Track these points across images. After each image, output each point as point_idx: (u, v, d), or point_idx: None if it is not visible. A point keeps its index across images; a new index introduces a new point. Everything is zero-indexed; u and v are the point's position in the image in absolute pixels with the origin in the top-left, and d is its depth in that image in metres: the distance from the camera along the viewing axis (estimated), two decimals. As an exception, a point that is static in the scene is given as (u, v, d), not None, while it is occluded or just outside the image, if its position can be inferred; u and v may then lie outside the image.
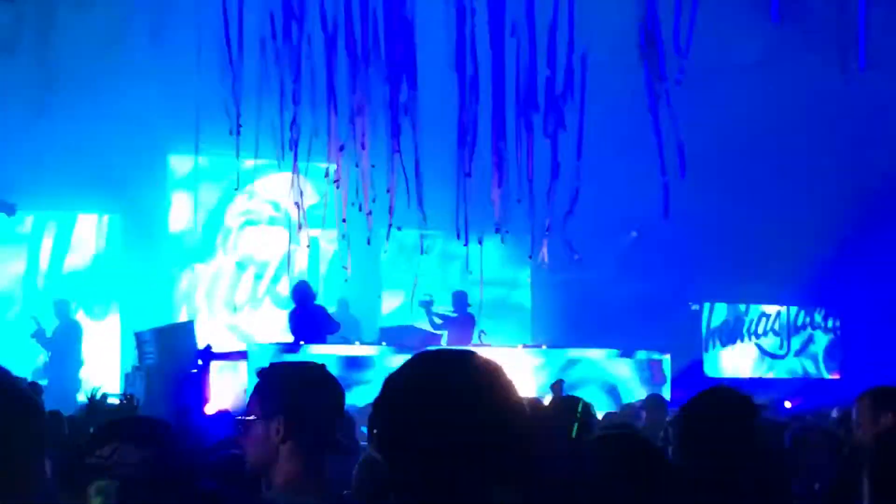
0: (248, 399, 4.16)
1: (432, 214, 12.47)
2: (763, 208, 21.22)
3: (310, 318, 15.94)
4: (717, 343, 22.89)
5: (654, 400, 12.71)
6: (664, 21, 13.53)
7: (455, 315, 17.95)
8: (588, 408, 7.66)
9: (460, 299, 18.02)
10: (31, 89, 18.21)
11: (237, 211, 21.21)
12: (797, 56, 19.22)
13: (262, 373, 4.20)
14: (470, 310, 17.86)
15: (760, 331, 23.22)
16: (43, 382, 15.60)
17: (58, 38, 18.30)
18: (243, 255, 21.27)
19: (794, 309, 23.48)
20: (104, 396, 6.70)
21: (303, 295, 16.11)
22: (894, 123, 20.15)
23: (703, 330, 22.74)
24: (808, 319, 23.55)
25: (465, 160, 12.30)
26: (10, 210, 17.79)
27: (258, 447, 4.02)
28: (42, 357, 18.72)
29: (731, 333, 23.05)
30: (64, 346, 18.71)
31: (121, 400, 7.36)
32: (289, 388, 4.05)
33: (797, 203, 20.89)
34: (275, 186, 19.48)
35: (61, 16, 18.27)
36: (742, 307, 23.16)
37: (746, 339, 23.10)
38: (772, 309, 23.37)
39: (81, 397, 12.62)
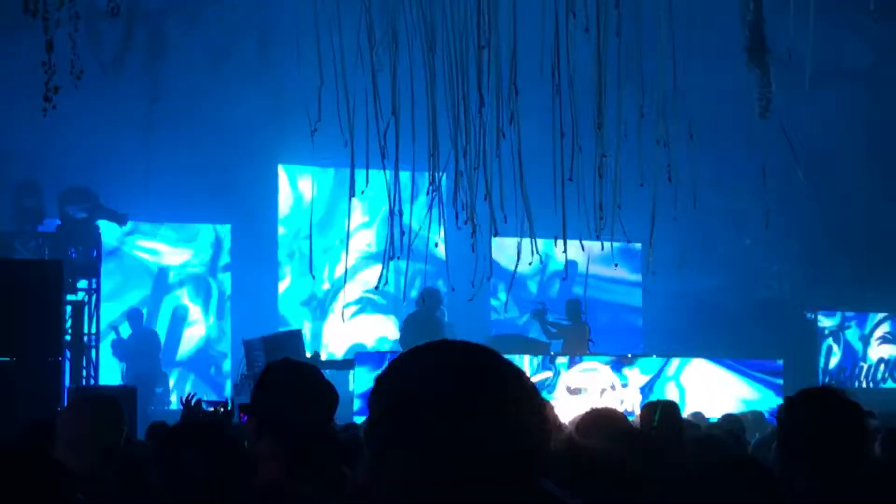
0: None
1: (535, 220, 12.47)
2: (878, 214, 20.78)
3: (430, 324, 16.13)
4: (835, 350, 22.42)
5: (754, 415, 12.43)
6: (773, 26, 13.36)
7: (569, 324, 17.82)
8: (669, 407, 7.58)
9: (573, 307, 17.90)
10: (140, 104, 18.53)
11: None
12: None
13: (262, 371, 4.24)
14: (583, 317, 17.75)
15: (878, 339, 22.68)
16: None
17: (166, 53, 18.62)
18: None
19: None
20: (199, 402, 6.73)
21: (433, 300, 16.29)
22: None
23: (819, 337, 22.30)
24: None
25: (562, 165, 12.20)
26: (121, 220, 18.08)
27: (250, 443, 4.10)
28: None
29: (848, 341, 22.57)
30: (138, 354, 19.03)
31: (216, 407, 7.38)
32: (265, 389, 4.09)
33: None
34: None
35: (169, 31, 18.60)
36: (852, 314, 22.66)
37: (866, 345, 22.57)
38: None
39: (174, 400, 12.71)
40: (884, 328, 22.53)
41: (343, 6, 13.00)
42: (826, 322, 22.28)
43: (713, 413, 13.16)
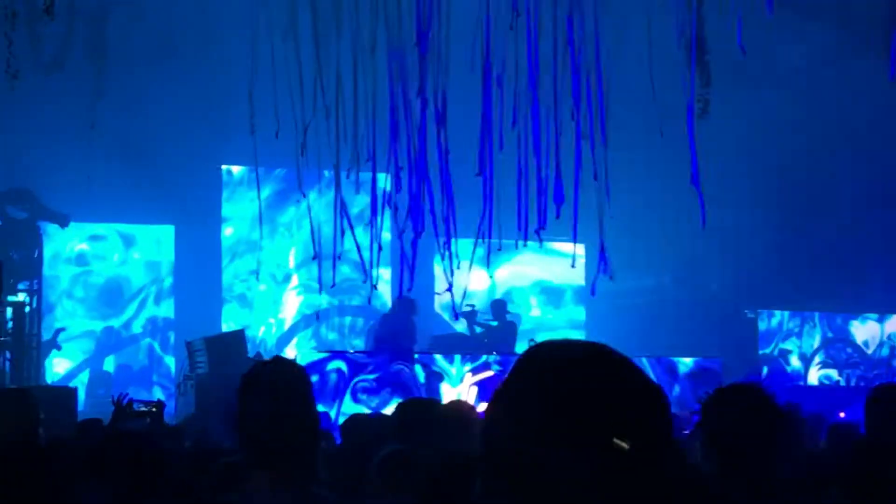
0: None
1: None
2: (811, 214, 21.03)
3: (406, 328, 16.29)
4: (776, 349, 22.67)
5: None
6: (708, 28, 13.49)
7: (496, 324, 17.93)
8: None
9: (499, 307, 18.01)
10: (81, 103, 18.42)
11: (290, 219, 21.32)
12: (845, 61, 19.04)
13: None
14: (509, 317, 17.88)
15: (816, 340, 22.97)
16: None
17: (107, 52, 18.53)
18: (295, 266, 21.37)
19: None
20: (130, 403, 6.74)
21: (407, 307, 16.40)
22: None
23: (761, 336, 22.54)
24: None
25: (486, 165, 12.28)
26: (63, 221, 17.99)
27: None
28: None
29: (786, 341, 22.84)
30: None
31: (148, 406, 7.37)
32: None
33: (843, 207, 20.71)
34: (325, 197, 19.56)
35: (110, 29, 18.50)
36: (797, 315, 22.93)
37: (800, 347, 22.86)
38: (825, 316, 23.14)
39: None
40: (824, 355, 22.84)
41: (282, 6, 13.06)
42: (766, 322, 22.56)
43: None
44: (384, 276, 20.79)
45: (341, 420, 9.78)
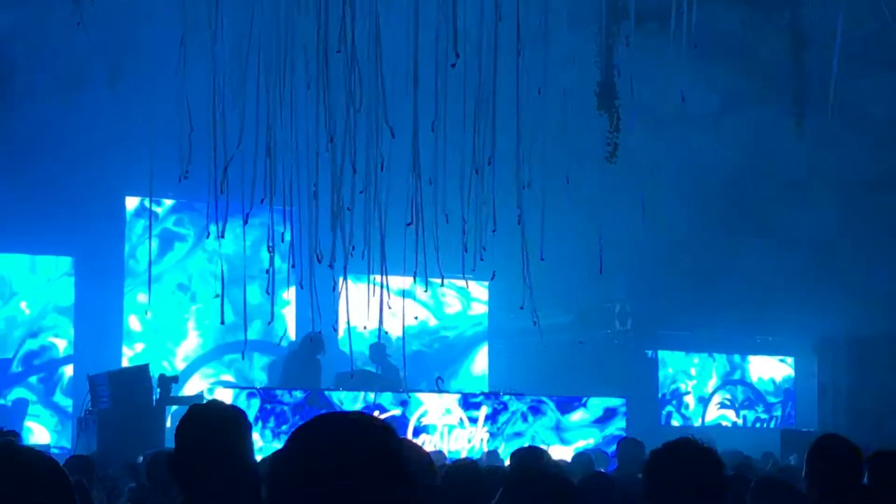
0: None
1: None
2: (717, 256, 21.33)
3: (311, 366, 16.16)
4: (676, 390, 22.93)
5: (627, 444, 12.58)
6: (622, 72, 13.65)
7: (377, 371, 17.69)
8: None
9: (379, 351, 17.76)
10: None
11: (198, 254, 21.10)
12: (752, 107, 19.40)
13: None
14: (390, 360, 17.66)
15: (716, 381, 23.29)
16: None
17: (11, 80, 18.22)
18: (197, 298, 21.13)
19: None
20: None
21: (316, 343, 16.25)
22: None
23: (661, 377, 22.79)
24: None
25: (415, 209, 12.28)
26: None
27: None
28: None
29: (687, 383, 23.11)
30: None
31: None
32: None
33: (751, 250, 21.04)
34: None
35: (19, 58, 18.20)
36: (695, 356, 23.23)
37: (701, 389, 23.16)
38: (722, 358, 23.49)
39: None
40: (723, 395, 23.17)
41: (196, 36, 12.96)
42: (667, 361, 22.83)
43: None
44: (287, 312, 20.71)
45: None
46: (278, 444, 14.24)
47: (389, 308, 12.95)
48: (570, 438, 16.41)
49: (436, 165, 12.70)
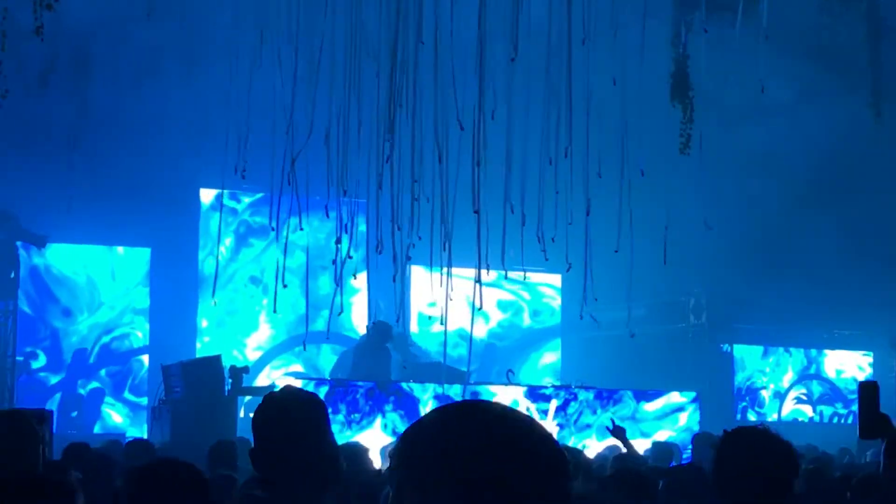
0: None
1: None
2: (793, 249, 21.08)
3: (381, 355, 16.12)
4: (751, 385, 22.71)
5: (701, 439, 12.49)
6: (696, 63, 13.52)
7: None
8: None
9: (401, 341, 17.28)
10: (63, 124, 18.31)
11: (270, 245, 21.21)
12: (830, 97, 19.13)
13: None
14: (412, 350, 17.44)
15: (792, 376, 23.03)
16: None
17: (91, 73, 18.43)
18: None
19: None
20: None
21: (383, 332, 16.21)
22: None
23: (736, 370, 22.57)
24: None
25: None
26: (40, 242, 17.85)
27: None
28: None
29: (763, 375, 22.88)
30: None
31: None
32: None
33: (829, 243, 20.75)
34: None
35: (95, 50, 18.40)
36: (773, 349, 22.98)
37: (777, 383, 22.91)
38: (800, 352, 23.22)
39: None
40: (798, 390, 22.91)
41: (270, 27, 13.03)
42: (741, 354, 22.61)
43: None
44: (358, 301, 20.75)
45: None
46: (350, 433, 14.27)
47: (451, 300, 12.92)
48: (646, 431, 16.29)
49: (510, 156, 12.66)
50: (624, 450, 11.07)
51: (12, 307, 16.94)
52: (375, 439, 14.18)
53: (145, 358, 20.49)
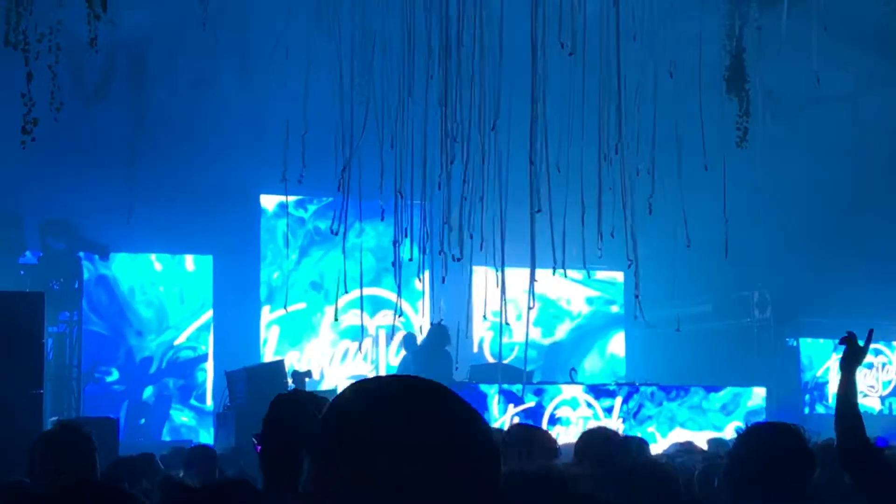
0: None
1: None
2: (855, 242, 20.82)
3: (442, 358, 16.11)
4: (817, 379, 22.47)
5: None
6: (752, 54, 13.40)
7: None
8: None
9: (439, 334, 16.85)
10: (121, 134, 18.49)
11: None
12: (889, 88, 18.89)
13: None
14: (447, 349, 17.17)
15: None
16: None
17: (147, 83, 18.58)
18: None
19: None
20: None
21: (442, 336, 16.20)
22: None
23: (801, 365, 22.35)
24: None
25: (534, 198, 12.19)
26: (103, 253, 18.04)
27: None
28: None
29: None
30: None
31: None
32: None
33: (888, 236, 20.51)
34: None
35: (151, 61, 18.56)
36: (834, 345, 22.68)
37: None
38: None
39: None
40: (866, 383, 22.62)
41: (322, 33, 13.08)
42: (809, 349, 22.38)
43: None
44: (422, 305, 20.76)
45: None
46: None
47: (506, 300, 12.89)
48: (710, 424, 16.17)
49: (569, 155, 12.63)
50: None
51: (76, 317, 17.13)
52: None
53: (209, 365, 20.64)
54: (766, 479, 4.29)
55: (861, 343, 5.09)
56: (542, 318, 22.40)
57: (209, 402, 20.32)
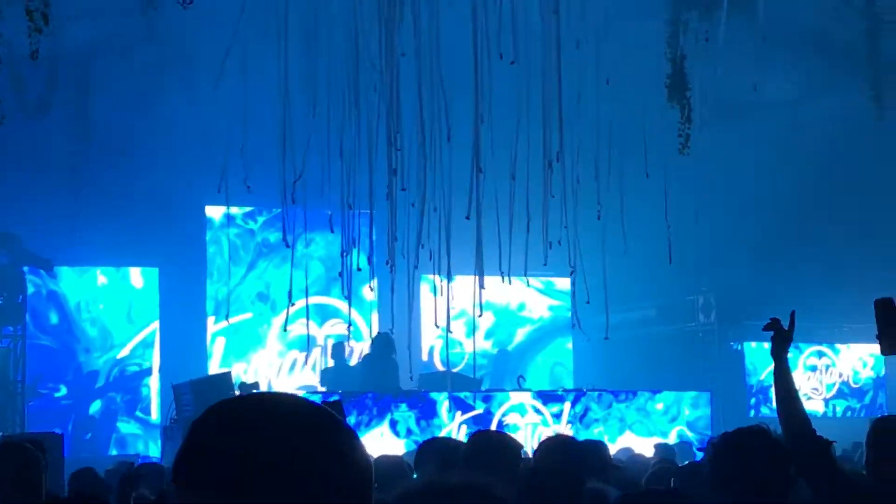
0: None
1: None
2: (795, 247, 21.03)
3: (388, 366, 16.05)
4: (761, 382, 22.64)
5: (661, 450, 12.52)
6: (693, 61, 13.53)
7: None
8: None
9: (385, 344, 16.47)
10: (65, 146, 18.35)
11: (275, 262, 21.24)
12: (831, 94, 19.10)
13: None
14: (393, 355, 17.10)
15: (802, 371, 22.96)
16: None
17: (92, 95, 18.46)
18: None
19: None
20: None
21: (387, 344, 16.13)
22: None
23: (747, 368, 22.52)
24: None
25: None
26: (47, 266, 17.89)
27: None
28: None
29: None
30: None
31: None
32: None
33: (837, 238, 20.72)
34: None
35: (95, 73, 18.45)
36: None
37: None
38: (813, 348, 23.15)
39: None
40: (810, 386, 22.82)
41: (268, 46, 13.08)
42: (752, 352, 22.56)
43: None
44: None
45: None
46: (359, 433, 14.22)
47: (453, 309, 12.93)
48: (652, 430, 16.27)
49: (515, 162, 12.69)
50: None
51: (20, 332, 16.98)
52: (385, 441, 14.22)
53: (153, 380, 20.54)
54: (752, 485, 4.37)
55: (785, 326, 5.19)
56: (504, 326, 22.59)
57: (154, 415, 20.20)
